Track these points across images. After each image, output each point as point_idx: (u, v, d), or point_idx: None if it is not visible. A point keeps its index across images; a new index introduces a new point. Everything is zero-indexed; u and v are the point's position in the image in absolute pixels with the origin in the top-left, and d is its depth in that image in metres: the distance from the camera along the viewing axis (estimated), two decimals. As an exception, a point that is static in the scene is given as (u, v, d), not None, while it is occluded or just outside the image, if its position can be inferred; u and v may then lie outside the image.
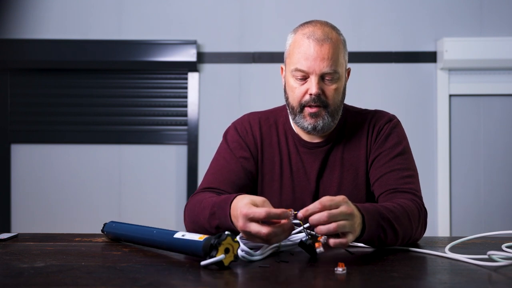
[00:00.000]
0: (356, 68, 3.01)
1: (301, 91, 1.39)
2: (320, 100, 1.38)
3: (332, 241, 1.06)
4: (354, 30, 3.08)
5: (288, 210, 1.08)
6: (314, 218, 1.05)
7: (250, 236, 1.11)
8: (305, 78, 1.39)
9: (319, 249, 1.06)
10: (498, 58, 2.94)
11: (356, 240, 1.13)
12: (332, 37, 1.38)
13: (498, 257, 1.04)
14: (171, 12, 3.12)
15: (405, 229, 1.22)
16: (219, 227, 1.23)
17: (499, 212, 3.04)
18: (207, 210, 1.27)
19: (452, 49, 2.94)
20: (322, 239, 1.06)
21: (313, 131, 1.42)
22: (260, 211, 1.08)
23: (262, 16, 3.10)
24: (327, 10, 3.07)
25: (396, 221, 1.20)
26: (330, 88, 1.39)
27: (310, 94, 1.38)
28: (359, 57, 3.07)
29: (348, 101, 1.59)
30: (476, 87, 3.05)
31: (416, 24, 3.09)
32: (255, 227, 1.09)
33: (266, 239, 1.09)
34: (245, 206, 1.10)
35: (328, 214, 1.04)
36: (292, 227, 1.11)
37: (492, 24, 3.06)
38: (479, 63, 2.97)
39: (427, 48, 3.08)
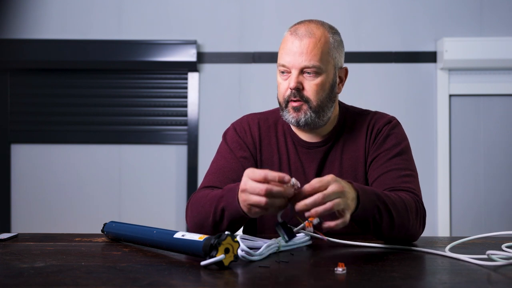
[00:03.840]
0: (356, 68, 3.02)
1: (285, 86, 1.42)
2: (300, 94, 1.40)
3: (333, 223, 1.09)
4: (354, 30, 3.08)
5: (285, 176, 1.08)
6: (309, 201, 1.07)
7: (248, 199, 1.11)
8: (288, 73, 1.41)
9: (309, 228, 1.08)
10: (498, 58, 2.94)
11: (351, 217, 1.13)
12: (315, 33, 1.39)
13: (498, 257, 1.04)
14: (171, 12, 3.12)
15: (402, 218, 1.22)
16: (224, 209, 1.23)
17: (499, 212, 3.04)
18: (215, 198, 1.27)
19: (452, 49, 2.94)
20: (314, 220, 1.07)
21: (297, 125, 1.43)
22: (260, 172, 1.10)
23: (262, 16, 3.10)
24: (327, 10, 3.07)
25: (392, 206, 1.20)
26: (311, 83, 1.39)
27: (290, 89, 1.40)
28: (359, 57, 3.07)
29: (348, 101, 1.59)
30: (476, 87, 3.05)
31: (416, 24, 3.09)
32: (252, 184, 1.10)
33: (264, 201, 1.09)
34: (249, 169, 1.13)
35: (323, 195, 1.07)
36: (291, 194, 1.09)
37: (492, 24, 3.06)
38: (479, 63, 2.97)
39: (427, 48, 3.08)
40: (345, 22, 3.07)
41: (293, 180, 1.08)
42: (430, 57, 3.07)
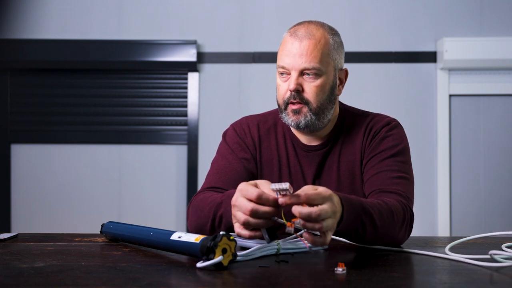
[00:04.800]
0: (356, 68, 3.01)
1: (284, 88, 1.41)
2: (299, 96, 1.38)
3: (311, 239, 1.05)
4: (354, 30, 3.08)
5: (280, 197, 1.05)
6: (303, 212, 1.01)
7: (236, 214, 1.09)
8: (288, 75, 1.40)
9: (289, 229, 1.05)
10: (498, 58, 2.94)
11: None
12: (315, 34, 1.38)
13: (501, 257, 1.03)
14: (171, 12, 3.12)
15: (387, 228, 1.20)
16: (222, 216, 1.23)
17: (499, 212, 3.04)
18: (214, 203, 1.26)
19: (452, 49, 2.94)
20: (296, 222, 1.04)
21: (297, 128, 1.42)
22: (253, 191, 1.06)
23: (262, 16, 3.10)
24: (327, 10, 3.07)
25: (378, 217, 1.17)
26: (311, 85, 1.38)
27: (290, 91, 1.39)
28: (359, 57, 3.07)
29: (348, 101, 1.59)
30: (476, 87, 3.05)
31: (416, 24, 3.09)
32: (242, 200, 1.07)
33: (249, 220, 1.06)
34: (242, 183, 1.10)
35: (319, 211, 1.02)
36: (276, 209, 1.07)
37: (492, 24, 3.06)
38: (479, 63, 2.97)
39: (427, 48, 3.08)
40: (345, 22, 3.07)
41: (287, 184, 1.05)
42: (430, 57, 3.07)
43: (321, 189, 1.06)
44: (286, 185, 1.03)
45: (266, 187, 1.09)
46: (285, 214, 1.07)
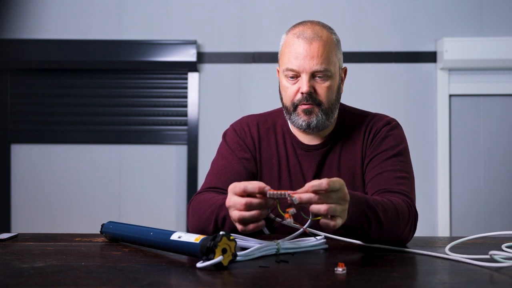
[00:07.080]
0: (356, 68, 3.02)
1: (293, 90, 1.40)
2: (312, 98, 1.39)
3: (322, 220, 1.06)
4: (354, 30, 3.08)
5: (265, 186, 1.06)
6: (305, 197, 1.04)
7: (232, 214, 1.10)
8: (296, 77, 1.39)
9: (288, 219, 1.06)
10: (498, 58, 2.94)
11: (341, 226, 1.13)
12: (322, 35, 1.38)
13: (501, 257, 1.04)
14: (171, 12, 3.12)
15: (392, 225, 1.20)
16: (225, 218, 1.23)
17: (499, 212, 3.04)
18: (215, 205, 1.26)
19: (452, 49, 2.94)
20: (290, 211, 1.06)
21: (307, 128, 1.42)
22: (240, 186, 1.08)
23: (262, 16, 3.10)
24: (327, 10, 3.07)
25: (383, 213, 1.18)
26: (322, 86, 1.39)
27: (302, 93, 1.38)
28: (358, 57, 3.06)
29: (348, 101, 1.59)
30: (476, 87, 3.05)
31: (416, 24, 3.09)
32: (235, 198, 1.08)
33: (244, 215, 1.07)
34: (231, 185, 1.11)
35: (322, 195, 1.04)
36: (271, 205, 1.08)
37: (492, 24, 3.06)
38: (479, 63, 2.97)
39: (427, 48, 3.08)
40: (345, 22, 3.07)
41: (285, 193, 1.06)
42: (430, 57, 3.07)
43: (335, 182, 1.06)
44: (284, 193, 1.04)
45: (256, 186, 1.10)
46: (281, 207, 1.08)
